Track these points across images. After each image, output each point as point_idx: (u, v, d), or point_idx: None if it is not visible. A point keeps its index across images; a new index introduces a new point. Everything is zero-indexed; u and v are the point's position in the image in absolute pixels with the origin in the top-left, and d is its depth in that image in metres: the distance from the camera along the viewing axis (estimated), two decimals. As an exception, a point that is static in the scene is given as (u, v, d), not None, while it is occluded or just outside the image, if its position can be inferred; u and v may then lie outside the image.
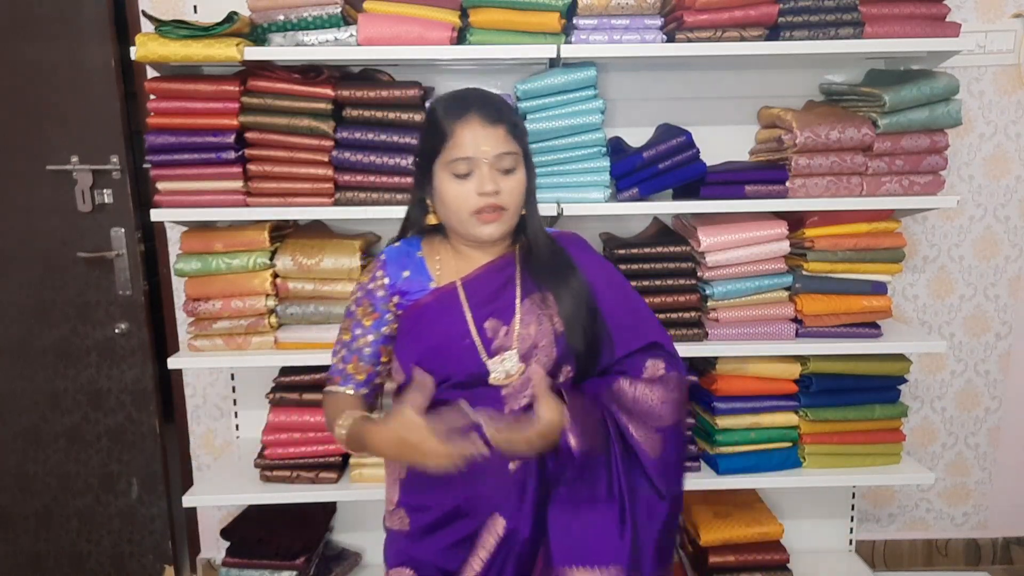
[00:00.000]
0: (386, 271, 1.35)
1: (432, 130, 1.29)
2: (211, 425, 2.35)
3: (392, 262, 1.36)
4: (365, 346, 1.36)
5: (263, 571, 2.06)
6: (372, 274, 1.36)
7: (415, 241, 1.39)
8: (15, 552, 2.39)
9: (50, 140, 2.16)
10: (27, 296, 2.25)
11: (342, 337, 1.37)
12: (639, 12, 1.79)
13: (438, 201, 1.30)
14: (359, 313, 1.36)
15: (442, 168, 1.27)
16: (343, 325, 1.38)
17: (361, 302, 1.36)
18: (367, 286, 1.36)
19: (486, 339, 1.30)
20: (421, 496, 1.34)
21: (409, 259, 1.36)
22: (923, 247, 2.31)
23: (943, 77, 1.84)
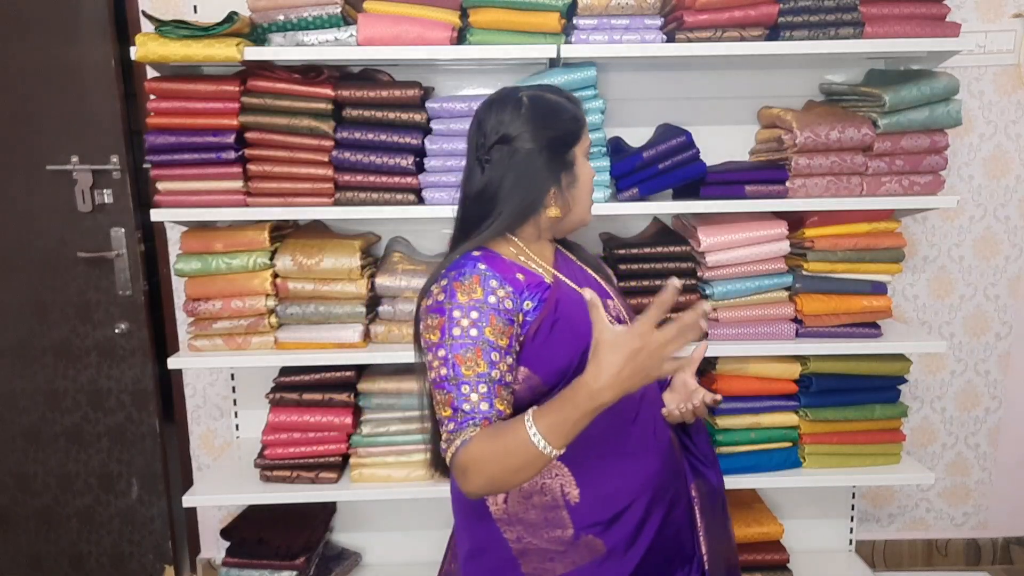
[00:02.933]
0: (499, 280, 1.17)
1: (566, 118, 1.27)
2: (211, 425, 2.35)
3: (494, 269, 1.18)
4: (507, 371, 1.14)
5: (263, 571, 2.06)
6: (484, 288, 1.15)
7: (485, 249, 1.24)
8: (15, 552, 2.39)
9: (50, 140, 2.16)
10: (27, 296, 2.25)
11: (472, 371, 1.10)
12: (639, 12, 1.79)
13: (576, 188, 1.28)
14: (490, 333, 1.12)
15: (581, 153, 1.29)
16: (462, 358, 1.11)
17: (486, 320, 1.13)
18: (485, 300, 1.14)
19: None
20: (608, 506, 1.20)
21: (506, 264, 1.22)
22: (923, 247, 2.31)
23: (943, 77, 1.84)
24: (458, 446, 1.07)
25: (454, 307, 1.14)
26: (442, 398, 1.12)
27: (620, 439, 1.23)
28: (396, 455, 1.99)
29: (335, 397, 1.95)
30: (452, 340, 1.12)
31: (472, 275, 1.16)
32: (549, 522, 1.20)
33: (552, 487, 1.20)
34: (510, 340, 1.15)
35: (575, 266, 1.36)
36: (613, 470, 1.21)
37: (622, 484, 1.21)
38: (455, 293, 1.15)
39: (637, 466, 1.23)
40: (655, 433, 1.27)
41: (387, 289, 1.92)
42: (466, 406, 1.09)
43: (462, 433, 1.08)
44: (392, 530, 2.35)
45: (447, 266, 1.22)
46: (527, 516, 1.21)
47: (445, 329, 1.13)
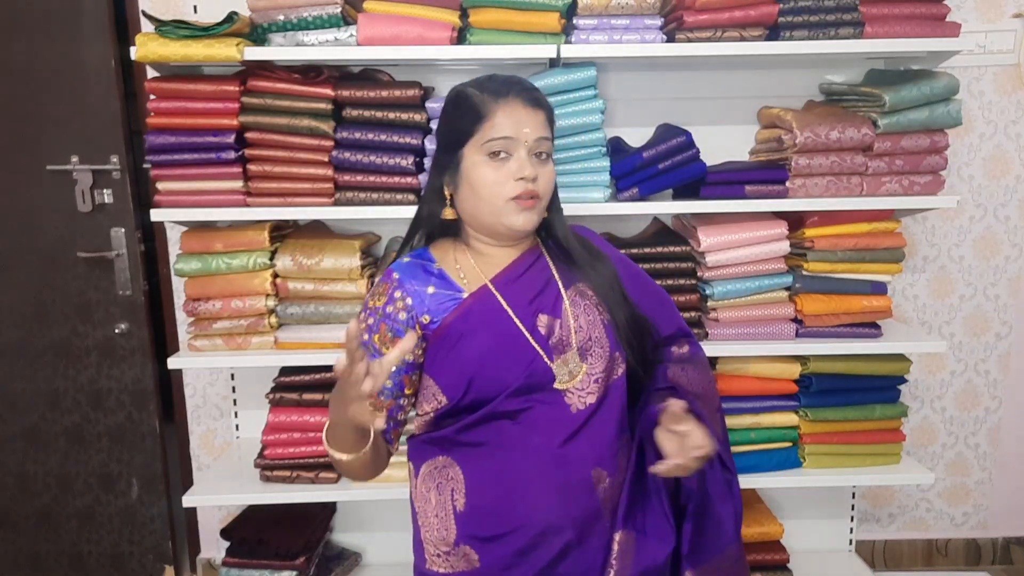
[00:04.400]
0: (405, 290, 1.20)
1: (464, 110, 1.18)
2: (211, 425, 2.35)
3: (409, 279, 1.21)
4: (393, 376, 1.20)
5: (263, 571, 2.05)
6: (387, 295, 1.20)
7: (423, 252, 1.27)
8: (15, 552, 2.39)
9: (50, 140, 2.16)
10: (27, 296, 2.25)
11: None
12: (639, 12, 1.79)
13: (466, 189, 1.19)
14: (376, 341, 1.19)
15: (475, 151, 1.17)
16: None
17: (376, 328, 1.19)
18: (383, 309, 1.19)
19: (541, 339, 1.19)
20: (488, 524, 1.18)
21: (427, 273, 1.23)
22: (923, 247, 2.31)
23: (943, 77, 1.84)
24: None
25: (364, 309, 1.23)
26: None
27: (511, 467, 1.18)
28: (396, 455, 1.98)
29: (335, 397, 1.95)
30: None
31: (384, 282, 1.23)
32: (440, 520, 1.22)
33: (446, 488, 1.22)
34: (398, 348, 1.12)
35: (535, 277, 1.25)
36: (501, 492, 1.17)
37: (507, 509, 1.17)
38: (370, 297, 1.24)
39: (528, 497, 1.16)
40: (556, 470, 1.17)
41: (387, 289, 1.91)
42: None
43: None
44: (392, 530, 2.35)
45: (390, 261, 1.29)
46: (427, 504, 1.24)
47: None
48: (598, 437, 1.20)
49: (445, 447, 1.22)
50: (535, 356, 1.18)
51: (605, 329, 1.24)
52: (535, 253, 1.28)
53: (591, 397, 1.20)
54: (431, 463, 1.24)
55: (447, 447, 1.22)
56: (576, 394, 1.20)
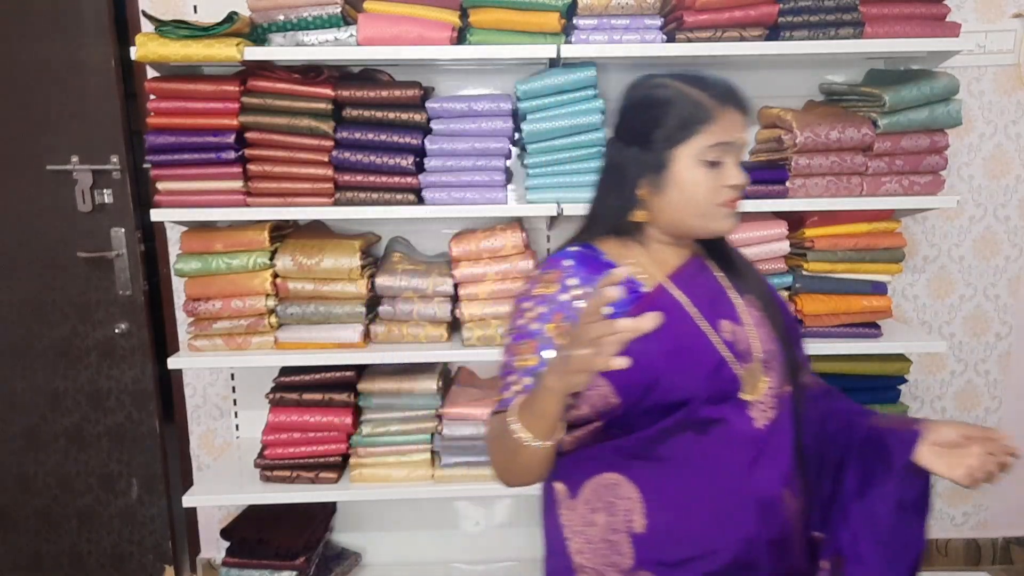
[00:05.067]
0: (580, 278, 1.11)
1: (682, 110, 1.10)
2: (211, 425, 2.35)
3: (583, 267, 1.12)
4: None
5: (263, 571, 2.06)
6: (559, 283, 1.11)
7: (588, 246, 1.18)
8: (15, 552, 2.39)
9: (50, 140, 2.16)
10: (27, 296, 2.25)
11: (522, 363, 1.08)
12: (639, 12, 1.79)
13: (673, 193, 1.11)
14: (550, 330, 1.07)
15: (691, 154, 1.09)
16: (517, 348, 1.09)
17: (550, 317, 1.08)
18: (555, 298, 1.09)
19: (729, 344, 1.12)
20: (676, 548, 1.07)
21: (600, 264, 1.14)
22: (923, 247, 2.31)
23: (943, 77, 1.84)
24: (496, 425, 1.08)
25: (527, 299, 1.12)
26: (500, 383, 1.12)
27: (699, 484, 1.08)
28: (396, 455, 1.99)
29: (335, 397, 1.95)
30: (515, 330, 1.11)
31: (554, 270, 1.13)
32: (611, 545, 1.10)
33: (619, 508, 1.10)
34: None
35: (709, 281, 1.20)
36: (689, 513, 1.07)
37: (698, 531, 1.07)
38: (534, 285, 1.14)
39: (721, 518, 1.07)
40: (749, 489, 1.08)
41: (387, 289, 1.92)
42: (507, 394, 1.08)
43: (495, 418, 1.10)
44: (392, 530, 2.35)
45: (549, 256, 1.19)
46: (591, 527, 1.12)
47: (514, 319, 1.13)
48: (780, 455, 1.12)
49: (615, 463, 1.10)
50: (721, 361, 1.10)
51: (777, 343, 1.18)
52: (700, 257, 1.22)
53: (771, 412, 1.12)
54: (596, 481, 1.11)
55: (618, 463, 1.10)
56: (758, 408, 1.12)
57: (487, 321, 1.91)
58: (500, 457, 1.08)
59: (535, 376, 1.05)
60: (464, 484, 1.98)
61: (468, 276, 1.91)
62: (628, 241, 1.18)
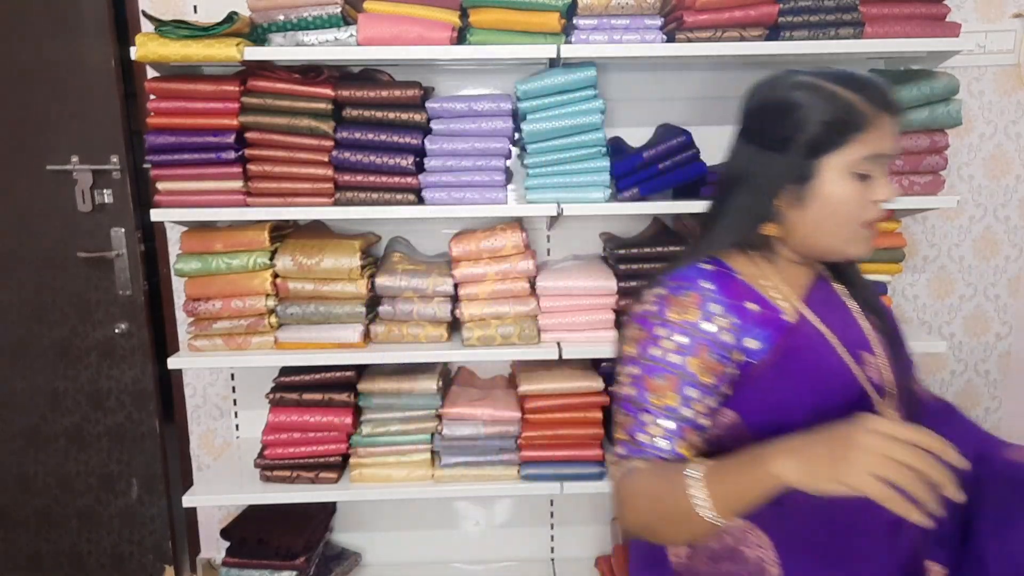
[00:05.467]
0: (724, 304, 0.98)
1: (837, 114, 0.96)
2: (211, 425, 2.35)
3: (722, 292, 0.99)
4: (703, 413, 0.96)
5: (263, 571, 2.06)
6: (700, 308, 0.97)
7: (718, 261, 1.04)
8: (15, 552, 2.39)
9: (50, 140, 2.16)
10: (27, 296, 2.25)
11: (659, 401, 0.95)
12: (639, 12, 1.79)
13: (815, 206, 0.98)
14: (693, 365, 0.95)
15: (841, 165, 0.96)
16: (652, 383, 0.96)
17: (693, 350, 0.96)
18: (698, 326, 0.96)
19: (872, 381, 1.01)
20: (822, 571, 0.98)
21: (737, 285, 1.01)
22: (923, 247, 2.31)
23: (943, 77, 1.84)
24: (622, 475, 0.95)
25: (661, 323, 0.98)
26: (622, 418, 0.99)
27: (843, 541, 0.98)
28: (396, 455, 1.99)
29: (335, 397, 1.95)
30: (648, 360, 0.97)
31: (691, 292, 0.99)
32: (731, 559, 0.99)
33: (748, 557, 0.99)
34: (718, 380, 0.96)
35: (836, 303, 1.09)
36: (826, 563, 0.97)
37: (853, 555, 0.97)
38: (667, 308, 0.99)
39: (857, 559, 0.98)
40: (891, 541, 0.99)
41: (387, 289, 1.92)
42: (642, 437, 0.95)
43: (631, 462, 0.95)
44: (392, 530, 2.35)
45: (672, 271, 1.04)
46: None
47: (644, 345, 0.98)
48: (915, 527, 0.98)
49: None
50: (863, 395, 1.00)
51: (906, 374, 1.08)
52: (824, 277, 1.11)
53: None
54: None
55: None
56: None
57: (487, 321, 1.91)
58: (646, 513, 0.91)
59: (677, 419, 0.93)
60: (464, 484, 1.98)
61: (468, 276, 1.91)
62: (756, 257, 1.05)
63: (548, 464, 1.97)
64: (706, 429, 0.97)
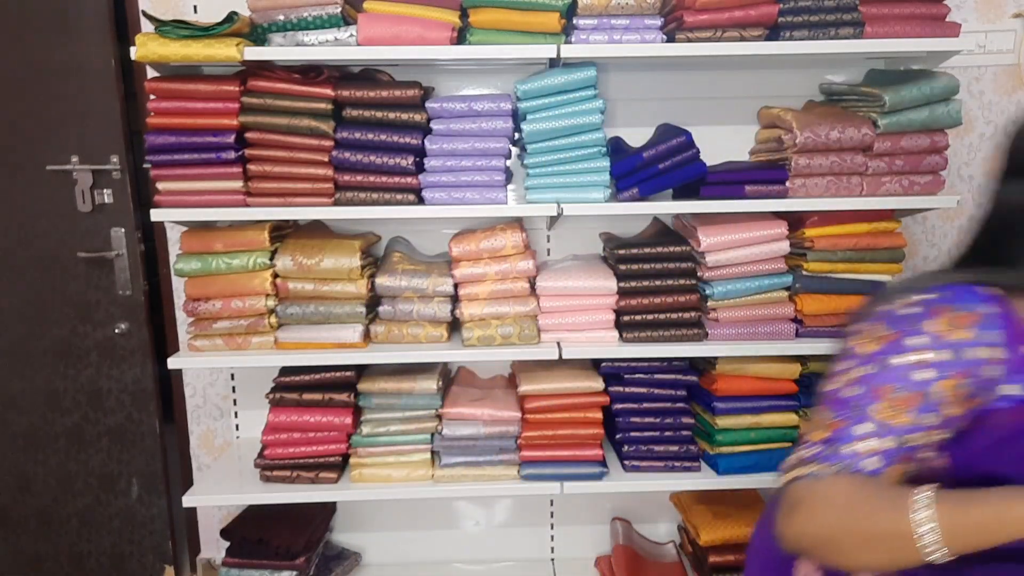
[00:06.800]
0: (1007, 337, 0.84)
1: None
2: (211, 425, 2.35)
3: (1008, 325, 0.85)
4: (932, 444, 0.86)
5: (263, 571, 2.06)
6: (975, 333, 0.84)
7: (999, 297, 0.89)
8: (15, 552, 2.39)
9: (50, 140, 2.16)
10: (27, 296, 2.25)
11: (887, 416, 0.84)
12: (639, 12, 1.79)
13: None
14: (944, 388, 0.83)
15: None
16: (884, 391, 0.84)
17: (950, 370, 0.83)
18: (962, 347, 0.84)
19: None
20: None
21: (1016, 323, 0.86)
22: (923, 247, 2.31)
23: (943, 77, 1.84)
24: (803, 476, 0.84)
25: (918, 332, 0.86)
26: (825, 417, 0.87)
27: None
28: (396, 455, 1.99)
29: (335, 397, 1.95)
30: (887, 367, 0.85)
31: (970, 311, 0.86)
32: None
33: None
34: (963, 414, 0.85)
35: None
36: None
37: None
38: (930, 316, 0.86)
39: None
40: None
41: (387, 289, 1.92)
42: (846, 448, 0.84)
43: (820, 466, 0.84)
44: (392, 530, 2.36)
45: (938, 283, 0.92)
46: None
47: (888, 348, 0.87)
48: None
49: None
50: None
51: None
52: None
53: None
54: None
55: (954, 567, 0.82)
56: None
57: (487, 321, 1.91)
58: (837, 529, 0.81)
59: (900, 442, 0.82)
60: (464, 484, 1.98)
61: (468, 276, 1.91)
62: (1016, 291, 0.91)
63: (548, 464, 1.97)
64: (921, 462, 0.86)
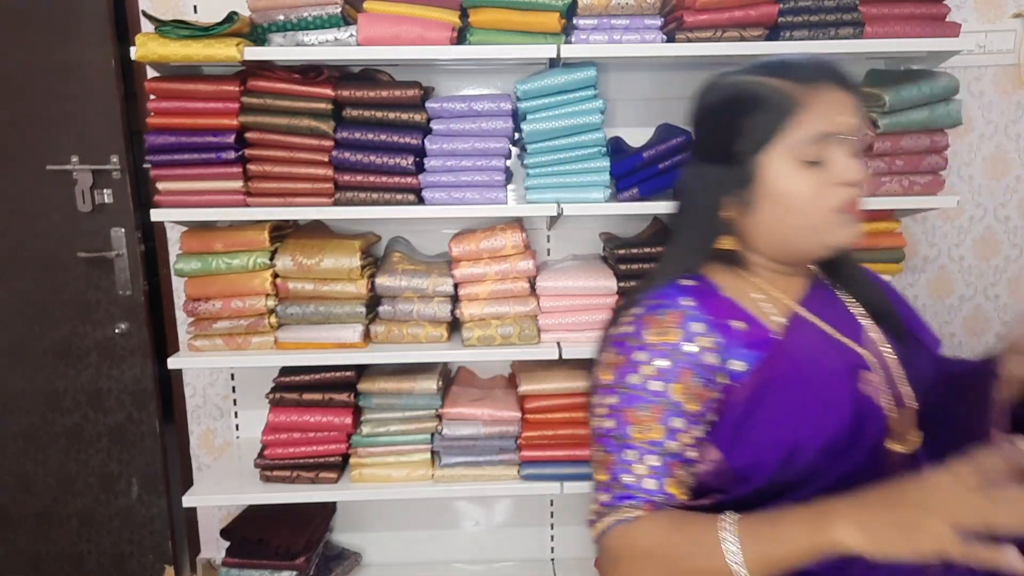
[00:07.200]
0: (707, 323, 0.91)
1: (758, 108, 0.91)
2: (211, 425, 2.35)
3: (703, 309, 0.92)
4: (691, 445, 0.89)
5: (263, 571, 2.05)
6: (681, 328, 0.90)
7: (700, 278, 0.98)
8: (15, 552, 2.39)
9: (50, 140, 2.16)
10: (27, 296, 2.25)
11: (642, 435, 0.87)
12: (639, 12, 1.79)
13: (767, 208, 0.93)
14: (677, 392, 0.87)
15: (782, 157, 0.91)
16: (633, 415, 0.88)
17: (675, 375, 0.88)
18: (679, 347, 0.89)
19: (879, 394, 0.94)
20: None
21: (724, 303, 0.94)
22: (923, 247, 2.31)
23: (943, 77, 1.84)
24: (611, 525, 0.85)
25: (639, 347, 0.90)
26: (600, 456, 0.90)
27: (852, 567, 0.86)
28: (396, 455, 1.99)
29: (335, 397, 1.95)
30: (627, 389, 0.89)
31: (671, 311, 0.92)
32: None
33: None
34: (704, 407, 0.89)
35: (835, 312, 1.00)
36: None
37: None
38: (644, 329, 0.91)
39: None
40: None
41: (387, 289, 1.92)
42: (627, 478, 0.87)
43: (619, 511, 0.85)
44: (392, 530, 2.35)
45: (649, 289, 0.98)
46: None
47: (622, 372, 0.90)
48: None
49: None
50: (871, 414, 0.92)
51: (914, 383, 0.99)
52: (822, 283, 1.04)
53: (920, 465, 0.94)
54: None
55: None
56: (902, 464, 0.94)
57: (487, 321, 1.91)
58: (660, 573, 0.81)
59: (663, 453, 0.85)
60: (464, 484, 1.98)
61: (468, 276, 1.91)
62: (736, 270, 0.99)
63: (548, 464, 1.97)
64: (694, 463, 0.89)
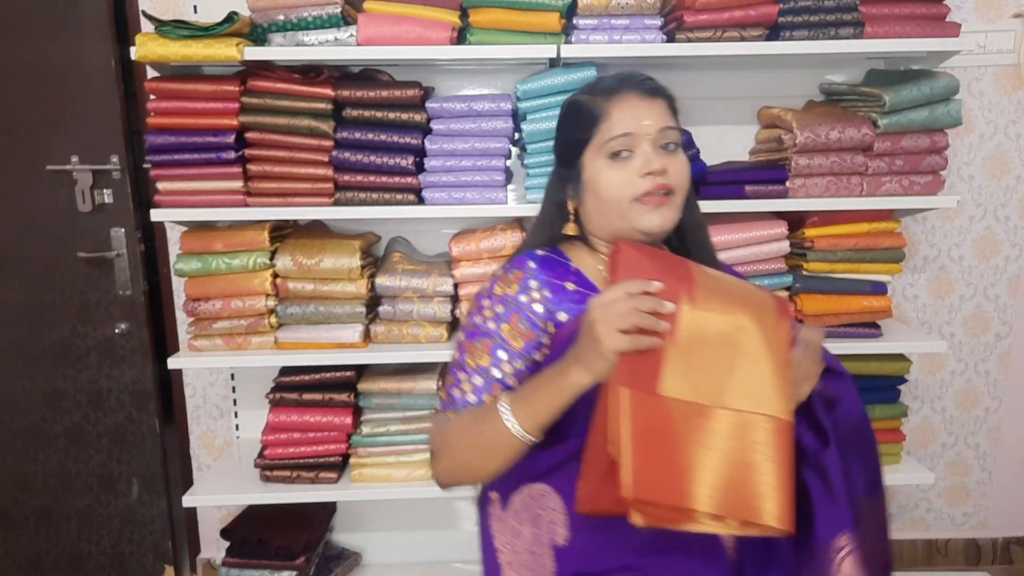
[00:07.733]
0: (542, 281, 1.09)
1: (577, 118, 1.12)
2: (211, 425, 2.35)
3: (546, 270, 1.11)
4: (512, 374, 1.07)
5: (263, 571, 2.06)
6: (521, 283, 1.09)
7: (555, 250, 1.16)
8: (15, 552, 2.39)
9: (50, 140, 2.16)
10: (27, 296, 2.25)
11: (474, 361, 1.08)
12: (639, 12, 1.79)
13: (590, 199, 1.11)
14: (505, 331, 1.07)
15: (594, 155, 1.10)
16: (471, 346, 1.09)
17: (507, 317, 1.07)
18: (516, 298, 1.08)
19: None
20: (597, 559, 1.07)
21: (566, 269, 1.12)
22: (923, 247, 2.31)
23: (943, 77, 1.84)
24: (436, 427, 1.09)
25: (487, 296, 1.11)
26: (447, 379, 1.13)
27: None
28: (396, 455, 1.99)
29: (335, 397, 1.95)
30: (471, 326, 1.11)
31: (516, 271, 1.11)
32: (535, 557, 1.10)
33: (544, 520, 1.10)
34: (526, 345, 1.07)
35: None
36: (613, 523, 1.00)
37: (619, 540, 1.05)
38: (495, 283, 1.12)
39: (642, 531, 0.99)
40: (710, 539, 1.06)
41: (387, 289, 1.92)
42: (456, 393, 1.09)
43: (444, 415, 1.09)
44: (392, 530, 2.35)
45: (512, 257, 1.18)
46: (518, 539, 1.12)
47: (471, 315, 1.12)
48: None
49: (545, 473, 1.10)
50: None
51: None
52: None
53: None
54: (525, 491, 1.12)
55: (547, 473, 1.10)
56: None
57: (487, 321, 1.91)
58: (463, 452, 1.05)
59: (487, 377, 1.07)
60: (464, 484, 1.98)
61: (468, 276, 1.91)
62: (590, 249, 1.17)
63: (548, 464, 1.97)
64: (513, 389, 1.06)
